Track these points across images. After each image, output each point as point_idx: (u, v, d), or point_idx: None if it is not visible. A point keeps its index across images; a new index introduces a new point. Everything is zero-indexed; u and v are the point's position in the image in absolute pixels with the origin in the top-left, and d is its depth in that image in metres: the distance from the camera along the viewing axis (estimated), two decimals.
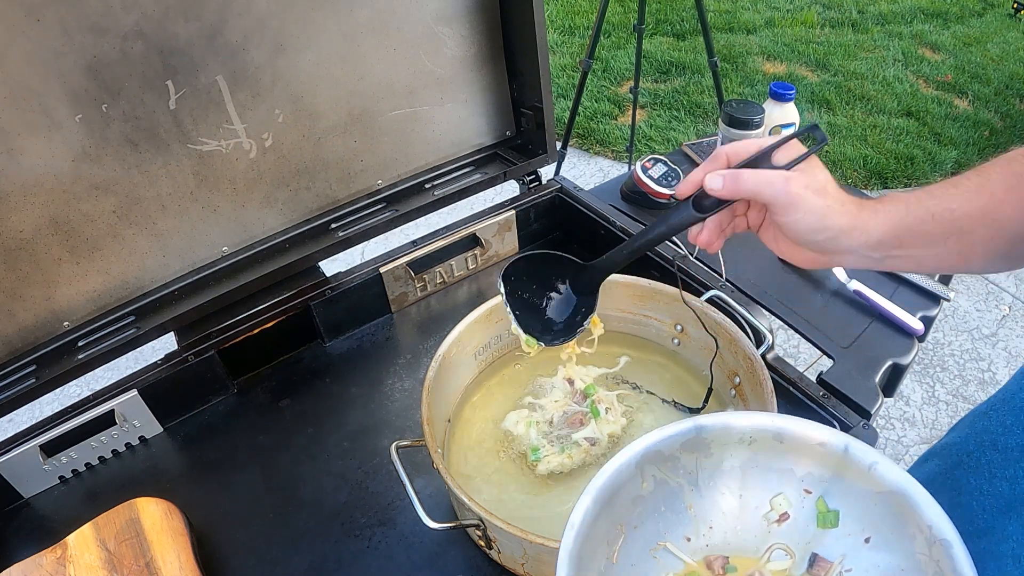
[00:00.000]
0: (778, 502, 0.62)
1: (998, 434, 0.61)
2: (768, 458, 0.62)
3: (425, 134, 1.11)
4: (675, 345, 0.95)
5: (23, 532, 0.87)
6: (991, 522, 0.59)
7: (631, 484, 0.60)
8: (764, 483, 0.63)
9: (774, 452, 0.61)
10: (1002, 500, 0.58)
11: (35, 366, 0.90)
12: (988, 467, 0.61)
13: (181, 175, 0.91)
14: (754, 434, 0.61)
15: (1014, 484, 0.58)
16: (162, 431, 0.97)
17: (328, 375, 1.04)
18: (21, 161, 0.79)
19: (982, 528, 0.60)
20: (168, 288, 0.97)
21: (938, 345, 2.20)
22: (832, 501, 0.60)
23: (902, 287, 1.06)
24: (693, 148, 1.39)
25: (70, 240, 0.87)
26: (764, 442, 0.61)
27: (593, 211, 1.16)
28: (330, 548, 0.81)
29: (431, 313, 1.13)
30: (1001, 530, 0.58)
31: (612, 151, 3.14)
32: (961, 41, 3.82)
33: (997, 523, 0.58)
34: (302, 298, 1.03)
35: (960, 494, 0.63)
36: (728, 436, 0.61)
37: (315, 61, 0.94)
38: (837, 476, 0.59)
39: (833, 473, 0.60)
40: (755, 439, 0.61)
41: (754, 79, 3.51)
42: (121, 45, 0.79)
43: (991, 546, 0.58)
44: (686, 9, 4.11)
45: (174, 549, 0.77)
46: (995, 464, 0.60)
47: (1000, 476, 0.59)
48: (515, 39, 1.09)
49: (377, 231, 1.07)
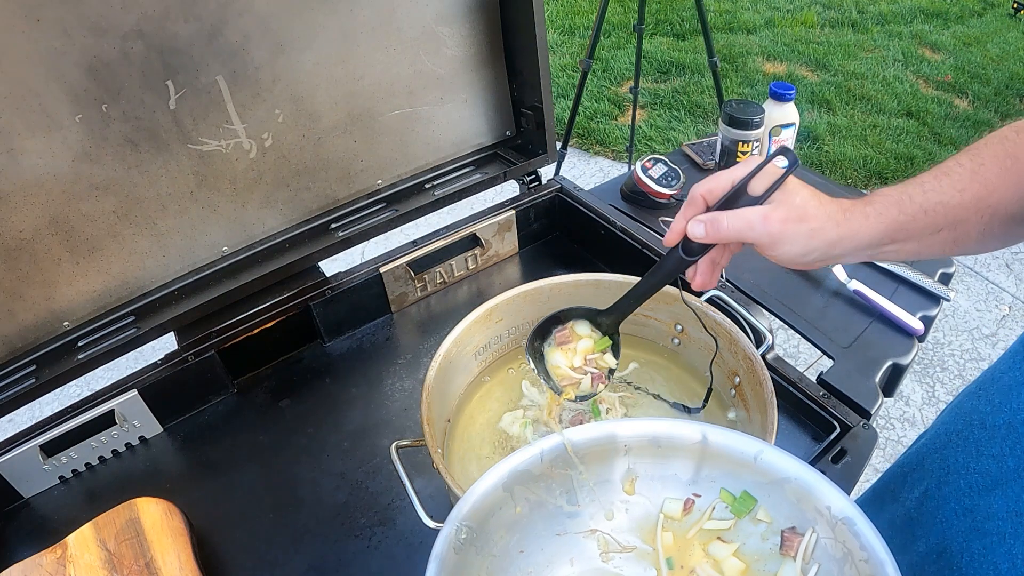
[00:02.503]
0: (669, 507, 0.61)
1: (985, 413, 0.61)
2: (649, 465, 0.60)
3: (425, 134, 1.11)
4: (675, 345, 0.95)
5: (23, 532, 0.87)
6: (977, 500, 0.59)
7: (504, 510, 0.57)
8: (650, 491, 0.61)
9: (654, 458, 0.60)
10: (988, 478, 0.58)
11: (35, 366, 0.90)
12: (975, 445, 0.61)
13: (181, 175, 0.91)
14: (628, 442, 0.60)
15: (1000, 462, 0.58)
16: (162, 431, 0.97)
17: (328, 375, 1.04)
18: (21, 161, 0.79)
19: (968, 506, 0.60)
20: (168, 288, 0.97)
21: (938, 345, 2.20)
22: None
23: (902, 287, 1.06)
24: (693, 148, 1.39)
25: (70, 240, 0.87)
26: (641, 449, 0.60)
27: (593, 211, 1.15)
28: (330, 548, 0.81)
29: (431, 313, 1.13)
30: (986, 508, 0.58)
31: (612, 151, 3.14)
32: (961, 41, 3.82)
33: (983, 501, 0.58)
34: (302, 298, 1.03)
35: (948, 472, 0.63)
36: (599, 447, 0.60)
37: (315, 61, 0.94)
38: (727, 473, 0.59)
39: (723, 471, 0.59)
40: (630, 447, 0.60)
41: (754, 79, 3.51)
42: (121, 45, 0.79)
43: (977, 523, 0.58)
44: (686, 9, 4.11)
45: (174, 549, 0.77)
46: (982, 442, 0.60)
47: (987, 454, 0.59)
48: (515, 39, 1.09)
49: (377, 231, 1.07)
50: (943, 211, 0.56)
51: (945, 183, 0.56)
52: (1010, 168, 0.54)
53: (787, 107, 1.21)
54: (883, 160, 2.92)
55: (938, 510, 0.63)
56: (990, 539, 0.56)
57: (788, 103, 1.21)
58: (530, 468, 0.58)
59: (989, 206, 0.55)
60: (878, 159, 2.92)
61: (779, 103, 1.21)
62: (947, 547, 0.60)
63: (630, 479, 0.61)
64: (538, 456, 0.59)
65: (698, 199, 0.61)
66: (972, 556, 0.58)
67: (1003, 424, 0.58)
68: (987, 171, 0.55)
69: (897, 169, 2.88)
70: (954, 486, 0.62)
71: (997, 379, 0.61)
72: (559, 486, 0.60)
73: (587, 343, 0.83)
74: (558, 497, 0.60)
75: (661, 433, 0.59)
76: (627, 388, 0.91)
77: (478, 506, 0.56)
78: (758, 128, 1.17)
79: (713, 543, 0.59)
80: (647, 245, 1.07)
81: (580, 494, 0.61)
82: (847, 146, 3.01)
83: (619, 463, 0.61)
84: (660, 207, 1.21)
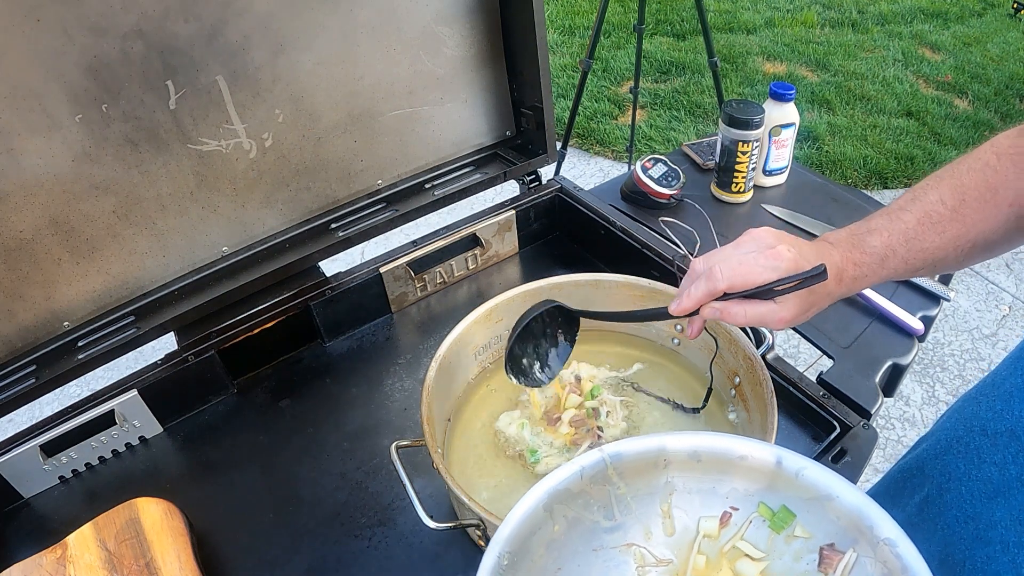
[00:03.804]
0: (706, 526, 0.60)
1: (987, 419, 0.60)
2: (688, 480, 0.60)
3: (425, 134, 1.11)
4: (675, 345, 0.95)
5: (23, 532, 0.87)
6: (980, 508, 0.59)
7: (543, 529, 0.57)
8: (688, 505, 0.60)
9: (693, 472, 0.60)
10: (990, 486, 0.58)
11: (35, 366, 0.90)
12: (976, 452, 0.60)
13: (181, 175, 0.91)
14: (668, 456, 0.59)
15: (1002, 469, 0.57)
16: (162, 431, 0.97)
17: (328, 375, 1.04)
18: (21, 161, 0.79)
19: (970, 514, 0.59)
20: (168, 288, 0.97)
21: (938, 345, 2.20)
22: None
23: (902, 287, 1.06)
24: (693, 148, 1.39)
25: (70, 240, 0.87)
26: (680, 464, 0.59)
27: (593, 211, 1.16)
28: (330, 548, 0.81)
29: (431, 313, 1.13)
30: (989, 516, 0.57)
31: (612, 151, 3.14)
32: (961, 41, 3.82)
33: (985, 509, 0.58)
34: (302, 298, 1.03)
35: (950, 479, 0.63)
36: (638, 462, 0.59)
37: (315, 61, 0.94)
38: (766, 489, 0.58)
39: (761, 487, 0.58)
40: (670, 461, 0.60)
41: (754, 79, 3.51)
42: (121, 45, 0.79)
43: (980, 532, 0.58)
44: (686, 9, 4.11)
45: (174, 549, 0.77)
46: (983, 449, 0.60)
47: (988, 461, 0.59)
48: (515, 39, 1.09)
49: (377, 231, 1.07)
50: (923, 256, 0.59)
51: (927, 230, 0.59)
52: (989, 200, 0.56)
53: (787, 107, 1.21)
54: (883, 160, 2.91)
55: (939, 517, 0.62)
56: (993, 548, 0.56)
57: (788, 103, 1.21)
58: (569, 487, 0.58)
59: (968, 241, 0.58)
60: (878, 159, 2.92)
61: (779, 103, 1.21)
62: (949, 555, 0.60)
63: (668, 492, 0.61)
64: (578, 473, 0.58)
65: (720, 286, 0.62)
66: (975, 565, 0.57)
67: (1005, 431, 0.58)
68: (967, 208, 0.57)
69: (897, 169, 2.88)
70: (956, 493, 0.61)
71: (998, 384, 0.61)
72: (596, 502, 0.60)
73: (570, 412, 0.84)
74: (595, 513, 0.60)
75: (703, 447, 0.59)
76: (628, 390, 0.91)
77: (518, 530, 0.55)
78: (758, 128, 1.17)
79: (741, 560, 0.59)
80: (647, 245, 1.07)
81: (617, 508, 0.60)
82: (847, 146, 3.01)
83: (659, 477, 0.60)
84: (660, 207, 1.21)
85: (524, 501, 0.56)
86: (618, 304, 0.95)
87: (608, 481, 0.59)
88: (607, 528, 0.60)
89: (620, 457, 0.59)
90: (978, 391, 0.65)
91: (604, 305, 0.96)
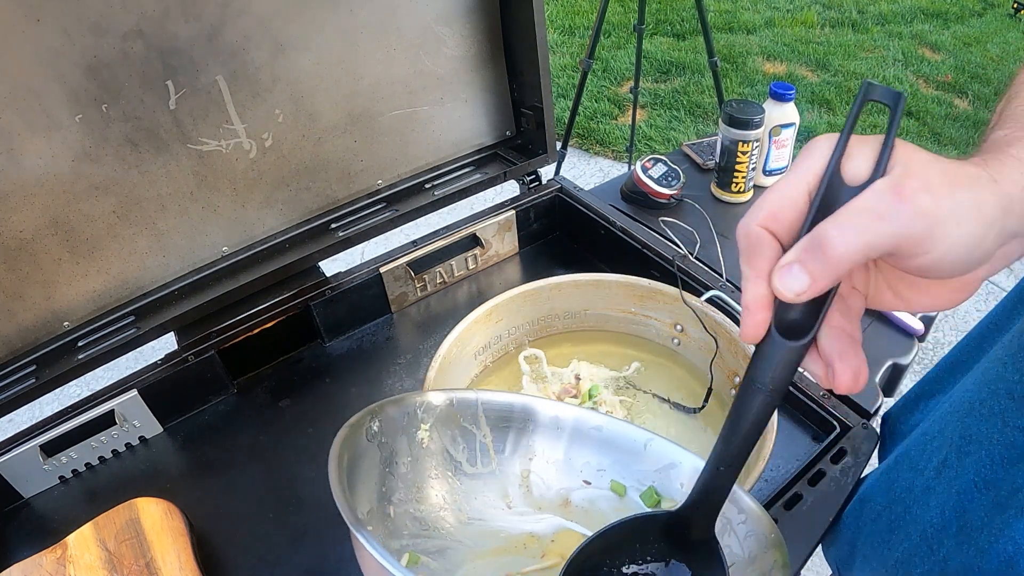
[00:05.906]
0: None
1: (1014, 382, 0.57)
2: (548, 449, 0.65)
3: (425, 134, 1.11)
4: (675, 345, 0.95)
5: (23, 532, 0.87)
6: (1001, 473, 0.56)
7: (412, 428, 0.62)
8: (546, 474, 0.64)
9: (556, 442, 0.64)
10: (1015, 450, 0.55)
11: (35, 366, 0.90)
12: (1001, 415, 0.57)
13: (181, 175, 0.91)
14: (535, 419, 0.65)
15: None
16: (162, 431, 0.97)
17: (328, 375, 1.04)
18: (21, 161, 0.79)
19: (991, 479, 0.57)
20: (168, 288, 0.97)
21: (938, 345, 2.20)
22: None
23: None
24: (693, 148, 1.39)
25: (70, 240, 0.87)
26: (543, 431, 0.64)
27: (593, 211, 1.16)
28: (330, 548, 0.81)
29: (431, 313, 1.13)
30: (1011, 482, 0.55)
31: (612, 151, 3.14)
32: (961, 41, 3.82)
33: (1007, 474, 0.55)
34: (302, 298, 1.03)
35: (969, 442, 0.60)
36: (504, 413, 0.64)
37: (315, 61, 0.94)
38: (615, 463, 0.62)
39: (612, 460, 0.62)
40: (536, 425, 0.64)
41: (754, 79, 3.51)
42: (121, 45, 0.79)
43: (1000, 498, 0.55)
44: (686, 9, 4.11)
45: (174, 549, 0.77)
46: (1008, 413, 0.56)
47: (1013, 425, 0.55)
48: (515, 39, 1.09)
49: (377, 231, 1.07)
50: None
51: None
52: None
53: (787, 107, 1.21)
54: None
55: (955, 480, 0.60)
56: (1011, 514, 0.54)
57: (788, 103, 1.21)
58: (441, 406, 0.63)
59: None
60: None
61: (779, 103, 1.21)
62: (966, 521, 0.58)
63: (528, 457, 0.65)
64: (449, 400, 0.63)
65: (763, 238, 0.37)
66: (992, 531, 0.55)
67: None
68: None
69: None
70: (975, 456, 0.58)
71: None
72: (463, 442, 0.64)
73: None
74: (460, 453, 0.64)
75: (563, 415, 0.64)
76: (628, 390, 0.91)
77: (396, 411, 0.61)
78: (758, 128, 1.17)
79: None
80: (647, 245, 1.07)
81: (481, 459, 0.64)
82: None
83: (523, 439, 0.64)
84: (660, 207, 1.21)
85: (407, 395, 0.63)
86: (618, 304, 0.95)
87: (476, 423, 0.64)
88: (469, 475, 0.64)
89: (490, 404, 0.64)
90: (1003, 351, 0.60)
91: (604, 306, 0.96)
